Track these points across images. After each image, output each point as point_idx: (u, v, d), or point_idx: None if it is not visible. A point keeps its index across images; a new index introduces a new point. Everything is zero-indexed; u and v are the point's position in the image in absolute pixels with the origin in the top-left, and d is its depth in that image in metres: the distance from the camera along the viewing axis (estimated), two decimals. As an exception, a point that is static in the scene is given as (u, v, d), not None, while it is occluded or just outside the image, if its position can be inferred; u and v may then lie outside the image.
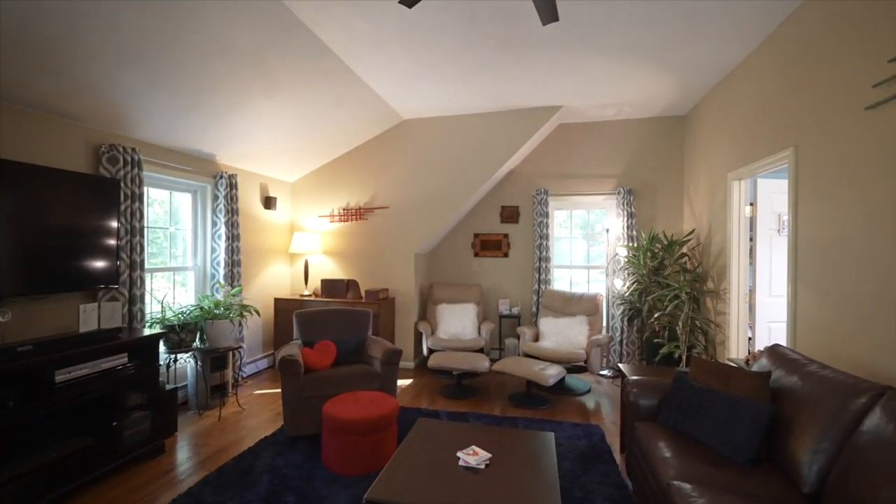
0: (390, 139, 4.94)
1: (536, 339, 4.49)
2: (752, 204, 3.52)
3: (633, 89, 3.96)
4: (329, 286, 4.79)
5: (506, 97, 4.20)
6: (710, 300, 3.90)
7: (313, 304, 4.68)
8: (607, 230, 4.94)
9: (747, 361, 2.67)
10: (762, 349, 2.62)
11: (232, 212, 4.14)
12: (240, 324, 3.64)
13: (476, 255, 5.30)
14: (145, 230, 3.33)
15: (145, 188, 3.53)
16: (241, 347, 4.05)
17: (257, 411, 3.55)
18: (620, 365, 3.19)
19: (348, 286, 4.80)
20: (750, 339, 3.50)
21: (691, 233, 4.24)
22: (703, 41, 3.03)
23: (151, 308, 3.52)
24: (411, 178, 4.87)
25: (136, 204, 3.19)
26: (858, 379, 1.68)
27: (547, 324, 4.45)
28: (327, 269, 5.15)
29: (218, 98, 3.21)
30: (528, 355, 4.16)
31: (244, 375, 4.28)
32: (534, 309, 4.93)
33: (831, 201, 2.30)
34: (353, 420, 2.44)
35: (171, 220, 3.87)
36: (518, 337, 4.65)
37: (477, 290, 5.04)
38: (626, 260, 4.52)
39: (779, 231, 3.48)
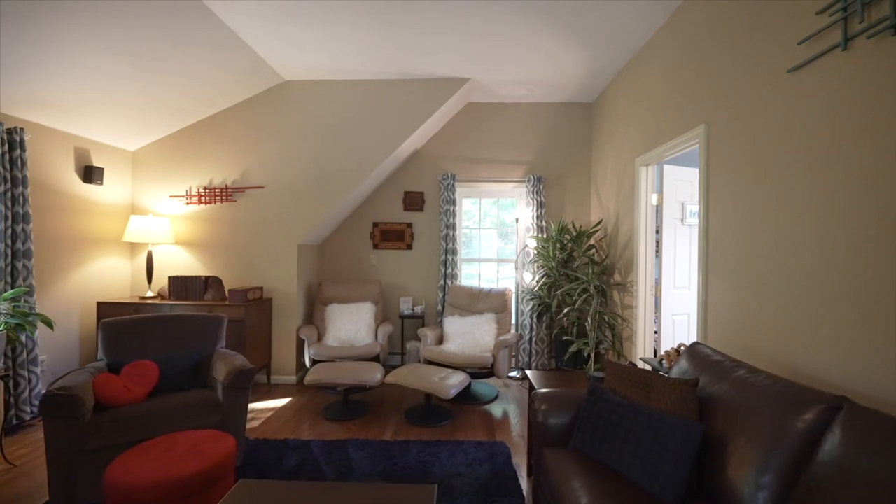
0: (268, 103, 4.02)
1: (440, 341, 3.96)
2: (658, 192, 3.37)
3: (543, 64, 3.60)
4: (179, 285, 3.72)
5: (407, 62, 3.58)
6: (618, 293, 3.72)
7: (158, 310, 3.59)
8: (517, 220, 4.60)
9: (661, 361, 2.40)
10: (677, 347, 2.36)
11: (14, 181, 2.91)
12: (9, 340, 2.49)
13: (375, 246, 4.61)
14: None
15: None
16: (9, 375, 2.86)
17: (38, 468, 2.46)
18: (528, 373, 2.77)
19: (207, 285, 3.78)
20: (656, 332, 3.35)
21: (599, 223, 4.06)
22: (614, 9, 2.73)
23: None
24: (295, 153, 4.01)
25: None
26: (800, 387, 1.36)
27: (452, 324, 3.95)
28: (183, 263, 4.05)
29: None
30: (429, 361, 3.60)
31: (37, 413, 3.06)
32: (439, 307, 4.41)
33: (747, 181, 2.07)
34: (147, 485, 1.60)
35: None
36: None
37: (375, 287, 4.36)
38: (535, 252, 4.20)
39: (682, 220, 3.37)
